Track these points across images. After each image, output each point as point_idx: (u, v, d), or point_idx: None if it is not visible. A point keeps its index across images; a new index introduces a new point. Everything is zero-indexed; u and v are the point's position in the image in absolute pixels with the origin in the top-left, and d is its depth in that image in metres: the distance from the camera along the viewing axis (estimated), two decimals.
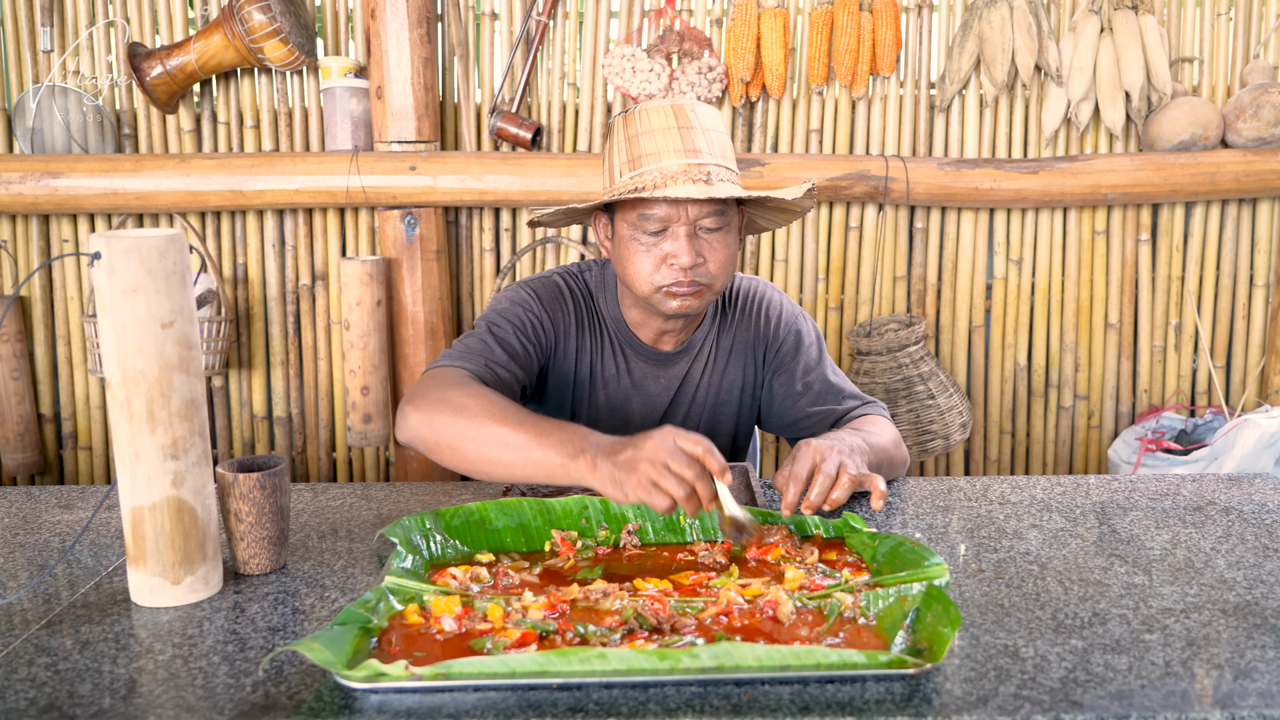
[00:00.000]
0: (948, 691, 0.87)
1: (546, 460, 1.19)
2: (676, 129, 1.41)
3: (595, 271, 1.63)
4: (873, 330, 2.76)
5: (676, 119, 1.41)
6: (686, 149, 1.40)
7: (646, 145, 1.41)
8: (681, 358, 1.62)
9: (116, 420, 1.07)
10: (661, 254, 1.43)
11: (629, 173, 1.43)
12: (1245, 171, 2.67)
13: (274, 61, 2.61)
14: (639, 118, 1.44)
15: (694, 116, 1.42)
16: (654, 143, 1.41)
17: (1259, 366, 2.90)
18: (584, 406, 1.61)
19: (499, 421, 1.24)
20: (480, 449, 1.25)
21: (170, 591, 1.09)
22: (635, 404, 1.62)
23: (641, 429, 1.59)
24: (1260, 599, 1.07)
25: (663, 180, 1.39)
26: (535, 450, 1.20)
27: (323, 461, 2.91)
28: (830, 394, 1.61)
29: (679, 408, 1.64)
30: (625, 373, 1.60)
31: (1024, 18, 2.68)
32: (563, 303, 1.58)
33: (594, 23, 2.78)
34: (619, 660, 0.88)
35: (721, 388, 1.64)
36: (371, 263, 2.59)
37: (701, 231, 1.44)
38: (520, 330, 1.51)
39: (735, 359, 1.64)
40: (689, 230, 1.42)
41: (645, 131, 1.42)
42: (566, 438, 1.19)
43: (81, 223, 2.80)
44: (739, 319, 1.65)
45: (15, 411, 2.77)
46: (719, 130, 1.45)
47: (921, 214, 2.85)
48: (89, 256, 1.04)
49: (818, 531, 1.26)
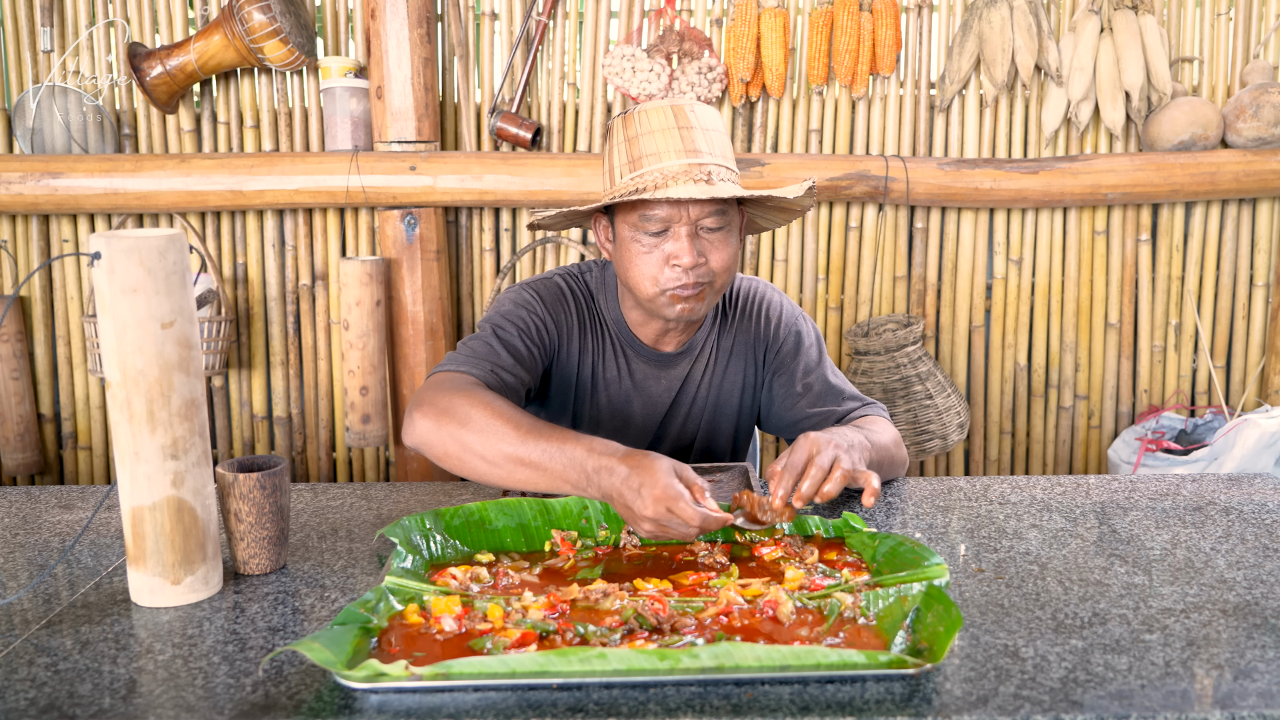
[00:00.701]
0: (948, 691, 0.87)
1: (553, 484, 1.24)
2: (676, 129, 1.41)
3: (596, 272, 1.63)
4: (871, 330, 2.76)
5: (676, 119, 1.41)
6: (687, 149, 1.40)
7: (646, 146, 1.41)
8: (683, 359, 1.62)
9: (116, 420, 1.07)
10: (663, 255, 1.43)
11: (629, 174, 1.42)
12: (1245, 171, 2.67)
13: (274, 61, 2.61)
14: (638, 119, 1.43)
15: (694, 116, 1.42)
16: (654, 143, 1.41)
17: (1259, 366, 2.90)
18: (585, 408, 1.62)
19: (504, 436, 1.26)
20: (486, 464, 1.27)
21: (170, 591, 1.09)
22: (636, 405, 1.62)
23: (642, 430, 1.61)
24: (1260, 599, 1.07)
25: (663, 180, 1.39)
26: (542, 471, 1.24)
27: (323, 461, 2.91)
28: (830, 395, 1.60)
29: (680, 409, 1.64)
30: (626, 374, 1.60)
31: (1024, 18, 2.68)
32: (565, 304, 1.58)
33: (594, 23, 2.78)
34: (619, 660, 0.88)
35: (722, 389, 1.64)
36: (371, 263, 2.59)
37: (703, 231, 1.43)
38: (525, 333, 1.51)
39: (735, 360, 1.64)
40: (690, 230, 1.42)
41: (645, 132, 1.42)
42: (569, 460, 1.22)
43: (81, 223, 2.80)
44: (739, 320, 1.65)
45: (15, 411, 2.77)
46: (718, 130, 1.45)
47: (921, 214, 2.85)
48: (89, 256, 1.04)
49: (818, 531, 1.26)
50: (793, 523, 1.26)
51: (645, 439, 1.63)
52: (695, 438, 1.66)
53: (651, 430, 1.63)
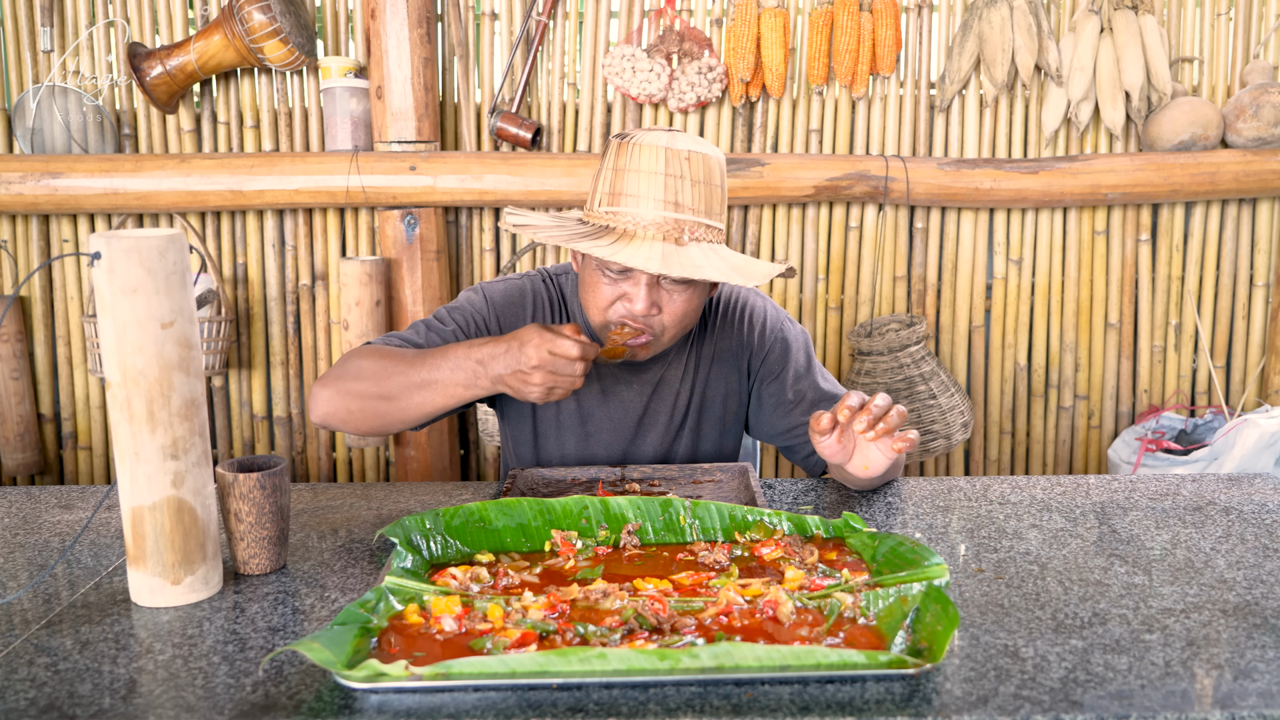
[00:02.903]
0: (948, 691, 0.87)
1: (450, 392, 1.35)
2: (664, 176, 1.36)
3: (571, 278, 1.62)
4: (874, 330, 2.76)
5: (667, 165, 1.35)
6: (668, 200, 1.36)
7: (630, 185, 1.37)
8: (654, 364, 1.59)
9: (116, 420, 1.07)
10: (619, 291, 1.42)
11: (607, 206, 1.39)
12: (1245, 171, 2.67)
13: (274, 61, 2.61)
14: (631, 152, 1.38)
15: (685, 166, 1.36)
16: (638, 184, 1.36)
17: (1259, 366, 2.90)
18: (552, 411, 1.59)
19: (394, 370, 1.37)
20: (387, 401, 1.38)
21: (170, 591, 1.09)
22: (605, 410, 1.59)
23: (615, 436, 1.60)
24: (1260, 599, 1.07)
25: (635, 227, 1.36)
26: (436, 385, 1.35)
27: (323, 461, 2.91)
28: (824, 402, 1.58)
29: (658, 415, 1.61)
30: (594, 376, 1.58)
31: (1024, 18, 2.68)
32: (521, 305, 1.58)
33: (594, 23, 2.78)
34: (619, 660, 0.88)
35: (706, 396, 1.62)
36: (371, 263, 2.59)
37: (665, 283, 1.41)
38: (462, 330, 1.53)
39: (718, 367, 1.62)
40: (651, 280, 1.40)
41: (633, 169, 1.37)
42: (456, 364, 1.34)
43: (81, 223, 2.80)
44: (721, 326, 1.62)
45: (15, 411, 2.77)
46: (710, 183, 1.39)
47: (921, 214, 2.85)
48: (89, 256, 1.04)
49: (818, 531, 1.26)
50: (793, 524, 1.25)
51: (620, 445, 1.61)
52: (678, 446, 1.63)
53: (627, 436, 1.61)
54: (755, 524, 1.26)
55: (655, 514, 1.28)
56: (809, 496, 1.46)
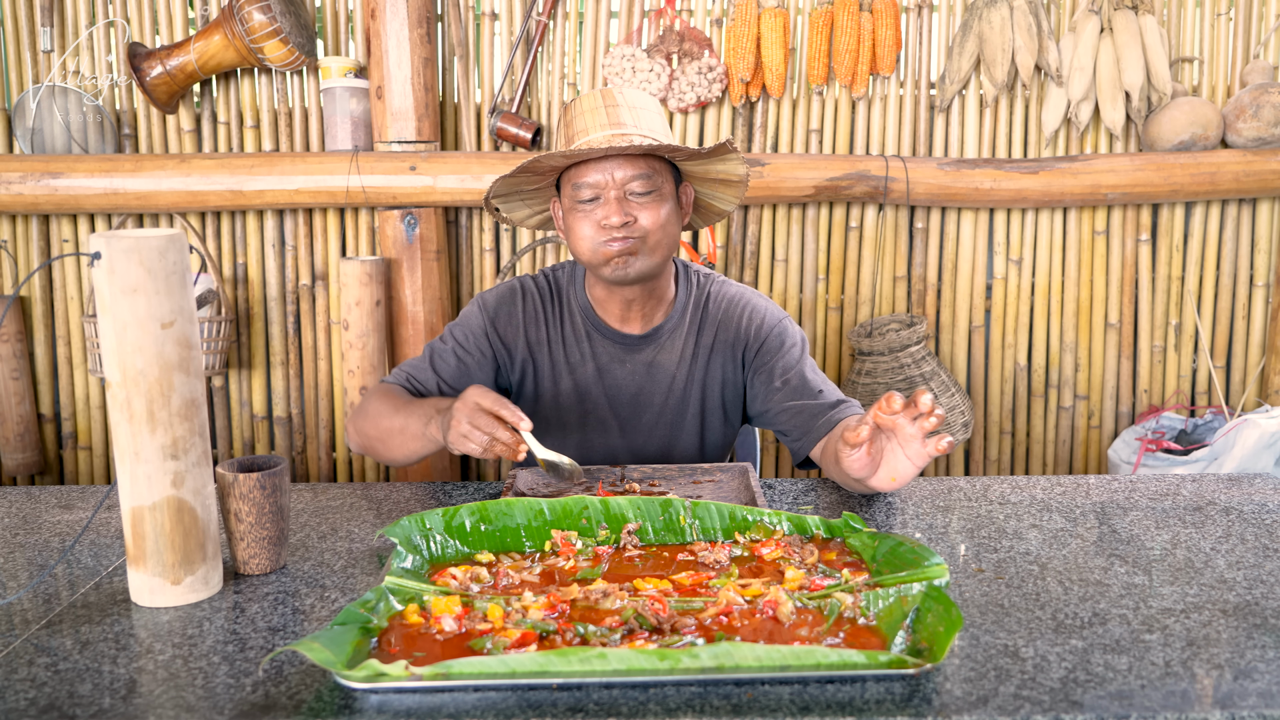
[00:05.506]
0: (948, 691, 0.87)
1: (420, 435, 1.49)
2: (604, 108, 1.55)
3: (567, 269, 1.74)
4: (874, 330, 2.76)
5: (604, 100, 1.56)
6: (612, 123, 1.54)
7: (578, 125, 1.55)
8: (647, 343, 1.67)
9: (116, 420, 1.07)
10: (596, 220, 1.54)
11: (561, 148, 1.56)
12: (1245, 171, 2.67)
13: (274, 61, 2.61)
14: (575, 104, 1.58)
15: (621, 96, 1.56)
16: (584, 122, 1.55)
17: (1259, 366, 2.90)
18: (548, 391, 1.68)
19: (384, 414, 1.56)
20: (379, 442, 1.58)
21: (170, 591, 1.09)
22: (601, 388, 1.67)
23: (609, 414, 1.69)
24: (1260, 599, 1.07)
25: (585, 145, 1.51)
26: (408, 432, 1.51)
27: (323, 461, 2.91)
28: (806, 390, 1.62)
29: (652, 398, 1.68)
30: (590, 356, 1.67)
31: (1024, 18, 2.68)
32: (515, 305, 1.69)
33: (594, 23, 2.78)
34: (619, 660, 0.88)
35: (704, 385, 1.69)
36: (371, 263, 2.59)
37: (631, 196, 1.54)
38: (461, 346, 1.67)
39: (716, 356, 1.69)
40: (619, 194, 1.53)
41: (578, 114, 1.56)
42: (422, 416, 1.49)
43: (81, 223, 2.80)
44: (722, 319, 1.69)
45: (15, 411, 2.77)
46: (647, 109, 1.57)
47: (921, 214, 2.85)
48: (89, 256, 1.04)
49: (818, 531, 1.26)
50: (793, 524, 1.25)
51: (614, 424, 1.68)
52: (675, 431, 1.69)
53: (621, 415, 1.68)
54: (755, 524, 1.26)
55: (655, 514, 1.28)
56: (809, 496, 1.46)
